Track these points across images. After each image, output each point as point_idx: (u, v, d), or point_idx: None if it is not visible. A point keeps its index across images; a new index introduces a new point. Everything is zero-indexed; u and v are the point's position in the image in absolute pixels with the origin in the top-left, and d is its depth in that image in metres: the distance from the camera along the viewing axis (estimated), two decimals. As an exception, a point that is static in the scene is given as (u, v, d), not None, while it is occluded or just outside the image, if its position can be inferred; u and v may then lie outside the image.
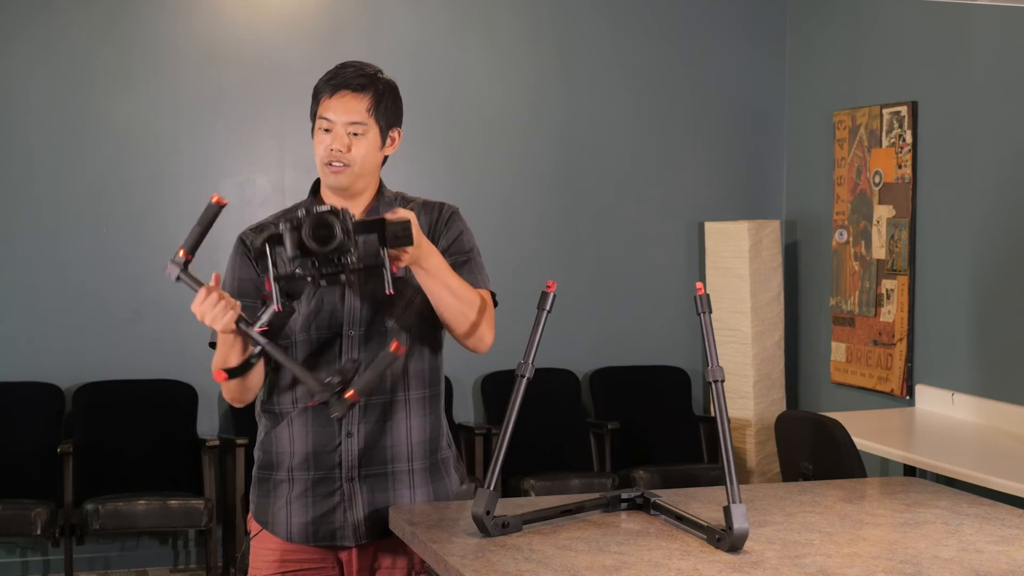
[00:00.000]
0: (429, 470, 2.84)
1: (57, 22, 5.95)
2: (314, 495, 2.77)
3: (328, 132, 2.74)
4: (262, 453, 2.85)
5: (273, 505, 2.81)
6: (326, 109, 2.75)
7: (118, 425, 5.92)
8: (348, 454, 2.76)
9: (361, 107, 2.74)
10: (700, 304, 2.56)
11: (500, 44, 6.49)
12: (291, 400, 2.78)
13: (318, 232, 2.44)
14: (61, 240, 5.99)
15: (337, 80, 2.77)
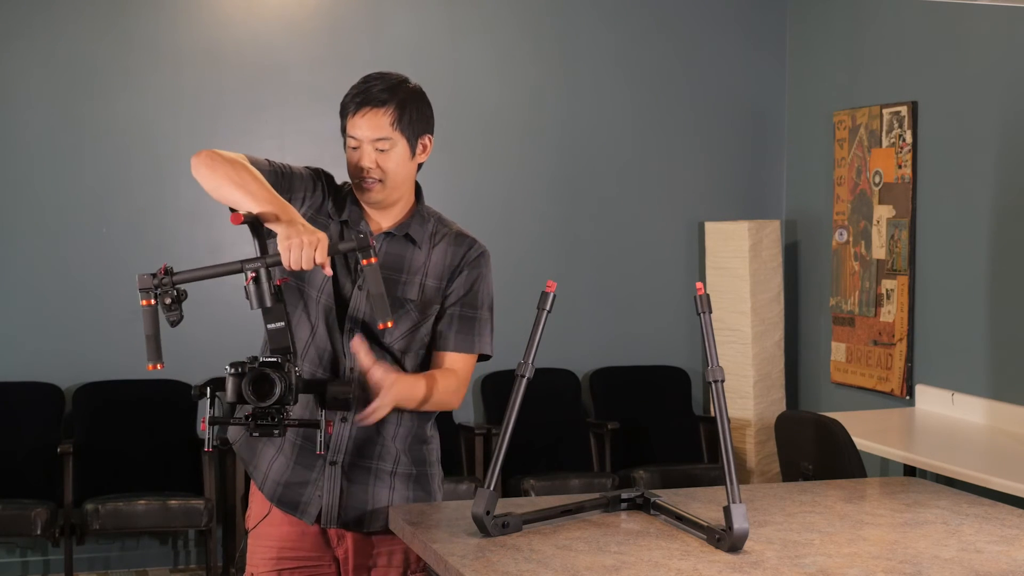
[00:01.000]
0: (414, 478, 2.84)
1: (57, 22, 5.95)
2: (296, 462, 2.80)
3: (356, 150, 2.74)
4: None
5: (261, 451, 2.84)
6: (352, 127, 2.74)
7: (118, 425, 5.92)
8: (339, 438, 2.78)
9: (385, 122, 2.74)
10: (700, 304, 2.56)
11: (500, 44, 6.49)
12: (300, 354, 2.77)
13: (258, 387, 2.47)
14: (61, 240, 5.99)
15: (361, 97, 2.76)
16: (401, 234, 2.80)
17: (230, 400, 2.50)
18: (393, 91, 2.78)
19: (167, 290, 2.51)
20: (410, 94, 2.81)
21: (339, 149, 7.09)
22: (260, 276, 2.49)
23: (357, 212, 2.80)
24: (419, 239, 2.81)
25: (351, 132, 2.74)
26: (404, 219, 2.82)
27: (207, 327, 6.16)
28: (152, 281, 2.49)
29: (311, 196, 2.79)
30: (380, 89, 2.77)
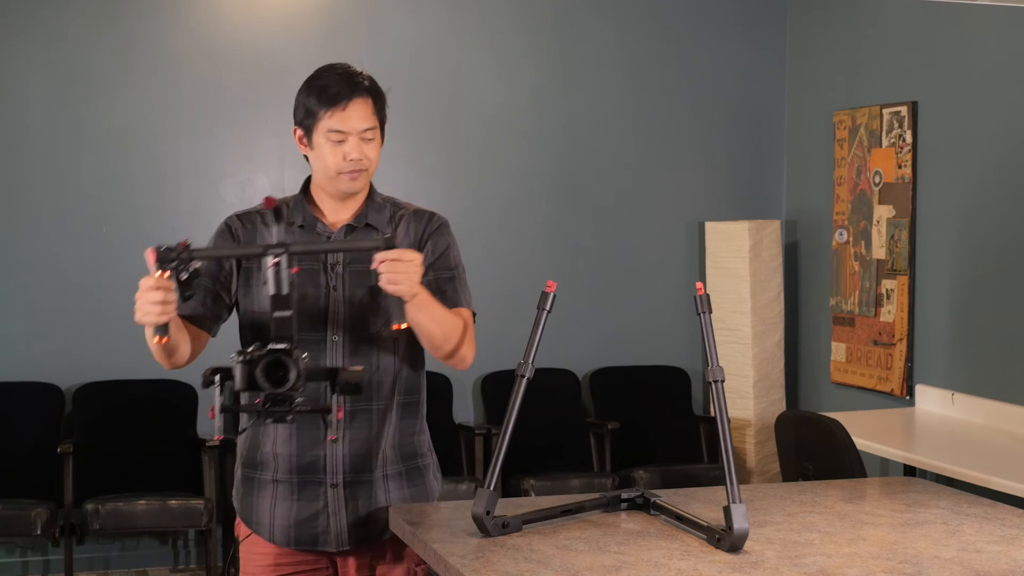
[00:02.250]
0: (406, 475, 2.84)
1: (57, 22, 5.95)
2: (299, 498, 2.77)
3: (341, 143, 2.72)
4: (246, 451, 2.84)
5: (258, 505, 2.81)
6: (337, 121, 2.70)
7: (118, 425, 5.92)
8: (333, 460, 2.76)
9: (368, 111, 2.74)
10: (700, 304, 2.56)
11: (500, 44, 6.49)
12: None
13: (272, 373, 2.44)
14: (61, 240, 5.99)
15: (339, 88, 2.72)
16: (362, 224, 2.80)
17: (239, 387, 2.47)
18: (366, 80, 2.77)
19: (185, 265, 2.45)
20: (373, 82, 2.80)
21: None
22: (282, 262, 2.48)
23: (310, 214, 2.79)
24: (380, 226, 2.81)
25: (336, 126, 2.70)
26: (361, 209, 2.81)
27: (207, 327, 6.16)
28: (171, 254, 2.45)
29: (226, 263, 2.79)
30: (357, 79, 2.75)
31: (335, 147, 2.72)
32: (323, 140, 2.72)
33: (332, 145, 2.72)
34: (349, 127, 2.71)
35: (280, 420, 2.47)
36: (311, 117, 2.73)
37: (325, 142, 2.72)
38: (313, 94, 2.74)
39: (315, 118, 2.72)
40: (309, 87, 2.76)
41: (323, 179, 2.77)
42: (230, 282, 2.80)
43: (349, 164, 2.72)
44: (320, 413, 2.55)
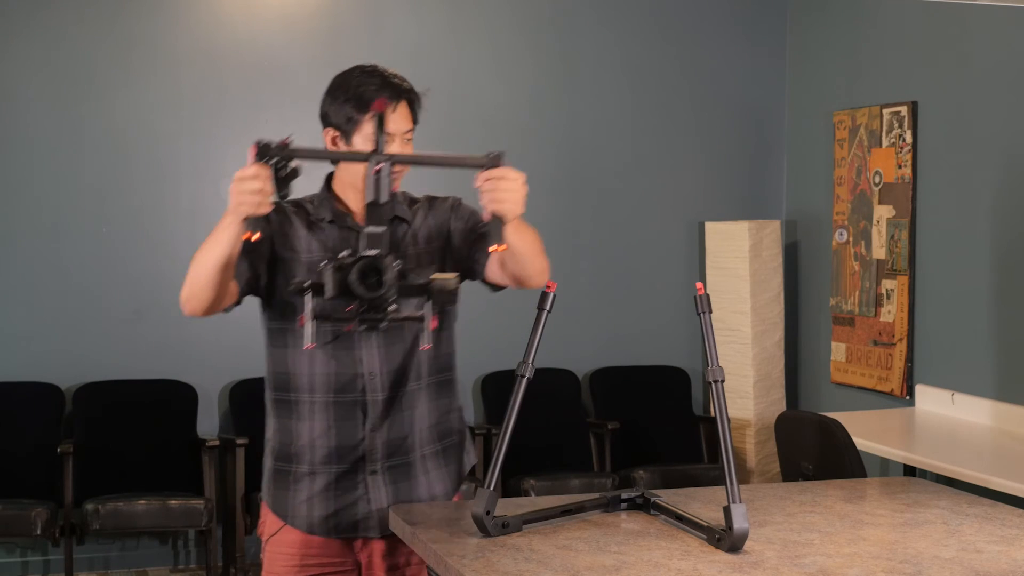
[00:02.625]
0: (442, 454, 2.87)
1: (57, 22, 5.95)
2: (337, 488, 2.78)
3: (385, 145, 2.69)
4: (278, 445, 2.83)
5: (294, 499, 2.80)
6: (385, 123, 2.69)
7: (118, 425, 5.92)
8: (372, 448, 2.78)
9: (409, 114, 2.78)
10: (700, 304, 2.56)
11: (500, 44, 6.49)
12: (308, 389, 2.76)
13: (367, 277, 2.39)
14: (61, 240, 5.99)
15: (388, 92, 2.74)
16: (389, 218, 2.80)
17: (330, 295, 2.39)
18: (406, 82, 2.81)
19: (285, 161, 2.45)
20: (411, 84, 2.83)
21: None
22: (384, 170, 2.46)
23: (338, 210, 2.81)
24: (406, 216, 2.84)
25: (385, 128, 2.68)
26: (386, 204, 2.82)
27: (207, 327, 6.16)
28: (271, 149, 2.44)
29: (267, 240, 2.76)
30: (398, 81, 2.78)
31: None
32: (366, 143, 2.72)
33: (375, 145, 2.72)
34: (393, 128, 2.73)
35: (373, 328, 2.44)
36: (351, 122, 2.73)
37: (369, 144, 2.71)
38: (355, 99, 2.74)
39: (357, 122, 2.73)
40: (345, 91, 2.76)
41: (356, 177, 2.77)
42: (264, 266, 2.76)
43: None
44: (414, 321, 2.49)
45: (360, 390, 2.75)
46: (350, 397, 2.75)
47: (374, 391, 2.76)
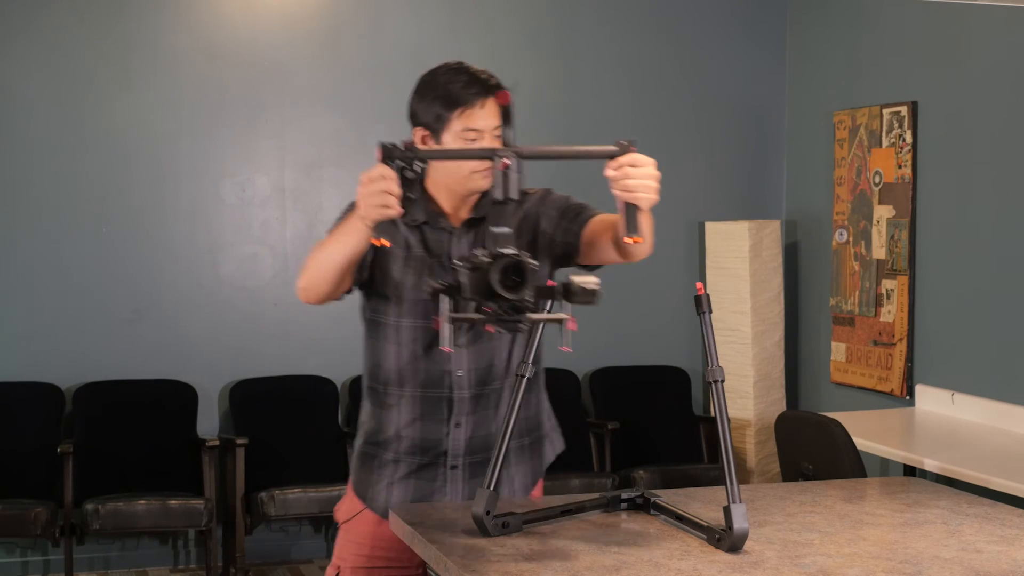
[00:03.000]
0: (526, 448, 2.91)
1: (57, 22, 5.95)
2: (417, 479, 2.81)
3: (474, 142, 2.71)
4: (369, 430, 2.87)
5: (376, 483, 2.84)
6: (474, 119, 2.70)
7: (118, 425, 5.92)
8: (455, 444, 2.80)
9: (498, 109, 2.75)
10: (700, 304, 2.56)
11: (500, 44, 6.49)
12: (397, 382, 2.79)
13: (509, 278, 2.31)
14: (61, 240, 5.99)
15: (477, 87, 2.72)
16: (480, 216, 2.81)
17: (467, 296, 2.33)
18: (493, 78, 2.79)
19: (409, 163, 2.43)
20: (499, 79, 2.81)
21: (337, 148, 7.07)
22: (512, 166, 2.41)
23: (432, 211, 2.80)
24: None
25: (472, 124, 2.70)
26: (478, 204, 2.82)
27: (208, 327, 6.17)
28: (397, 151, 2.43)
29: None
30: (487, 77, 2.76)
31: (469, 145, 2.71)
32: (457, 141, 2.71)
33: (466, 144, 2.71)
34: (483, 125, 2.71)
35: (513, 329, 2.38)
36: (440, 120, 2.72)
37: (459, 142, 2.71)
38: (442, 97, 2.73)
39: (446, 120, 2.71)
40: (433, 89, 2.76)
41: (451, 178, 2.76)
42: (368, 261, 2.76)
43: (483, 163, 2.71)
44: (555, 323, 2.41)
45: (447, 387, 2.78)
46: (437, 393, 2.78)
47: (460, 388, 2.79)
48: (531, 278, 2.31)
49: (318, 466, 6.04)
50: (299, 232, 6.28)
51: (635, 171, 2.49)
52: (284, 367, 6.25)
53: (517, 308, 2.33)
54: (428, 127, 2.76)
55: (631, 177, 2.48)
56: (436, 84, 2.77)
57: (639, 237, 2.47)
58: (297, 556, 6.27)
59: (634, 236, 2.45)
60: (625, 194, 2.47)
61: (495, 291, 2.29)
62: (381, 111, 6.33)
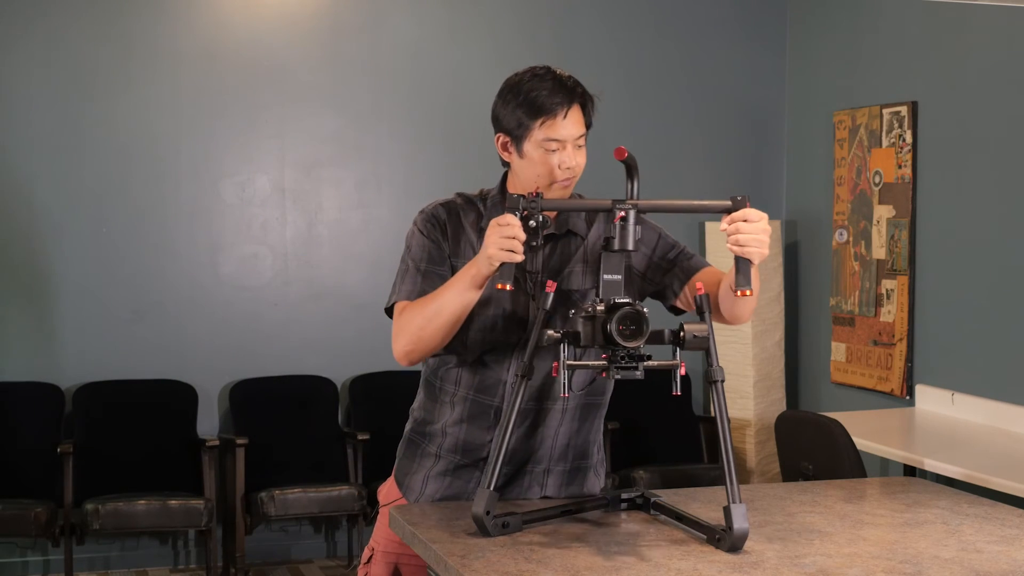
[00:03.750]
0: (569, 473, 2.86)
1: (58, 23, 5.95)
2: (453, 477, 2.81)
3: (556, 151, 2.69)
4: (419, 418, 2.87)
5: (415, 472, 2.84)
6: (556, 130, 2.67)
7: (118, 425, 5.92)
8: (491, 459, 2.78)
9: (581, 119, 2.73)
10: (700, 304, 2.56)
11: (500, 44, 6.49)
12: (454, 381, 2.78)
13: (626, 327, 2.41)
14: (61, 240, 5.99)
15: (557, 98, 2.69)
16: (563, 231, 2.79)
17: (583, 344, 2.43)
18: (574, 81, 2.75)
19: (534, 213, 2.48)
20: (585, 88, 2.77)
21: (337, 148, 7.07)
22: (629, 217, 2.48)
23: None
24: (579, 230, 2.81)
25: (554, 135, 2.68)
26: (560, 214, 2.79)
27: (207, 327, 6.17)
28: (522, 201, 2.48)
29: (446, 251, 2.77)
30: (571, 84, 2.73)
31: (550, 156, 2.69)
32: (537, 150, 2.69)
33: (547, 154, 2.69)
34: (565, 135, 2.68)
35: (629, 377, 2.45)
36: (522, 127, 2.69)
37: (540, 151, 2.69)
38: (526, 104, 2.70)
39: (528, 128, 2.69)
40: (516, 95, 2.73)
41: (531, 186, 2.73)
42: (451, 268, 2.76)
43: (564, 172, 2.69)
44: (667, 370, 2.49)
45: (499, 396, 2.77)
46: (488, 400, 2.77)
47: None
48: (647, 327, 2.41)
49: (318, 466, 6.04)
50: (299, 232, 6.28)
51: (747, 226, 2.53)
52: (284, 367, 6.25)
53: (632, 356, 2.43)
54: (510, 134, 2.73)
55: (743, 232, 2.53)
56: (520, 90, 2.74)
57: (749, 290, 2.52)
58: (297, 556, 6.27)
59: (744, 289, 2.51)
60: (737, 248, 2.53)
61: (613, 340, 2.39)
62: (381, 111, 6.34)
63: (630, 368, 2.44)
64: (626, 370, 2.44)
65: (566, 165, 2.69)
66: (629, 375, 2.45)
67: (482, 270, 2.54)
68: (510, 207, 2.49)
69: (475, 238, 2.77)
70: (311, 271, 6.31)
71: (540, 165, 2.69)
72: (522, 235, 2.47)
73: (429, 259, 2.76)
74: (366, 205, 6.34)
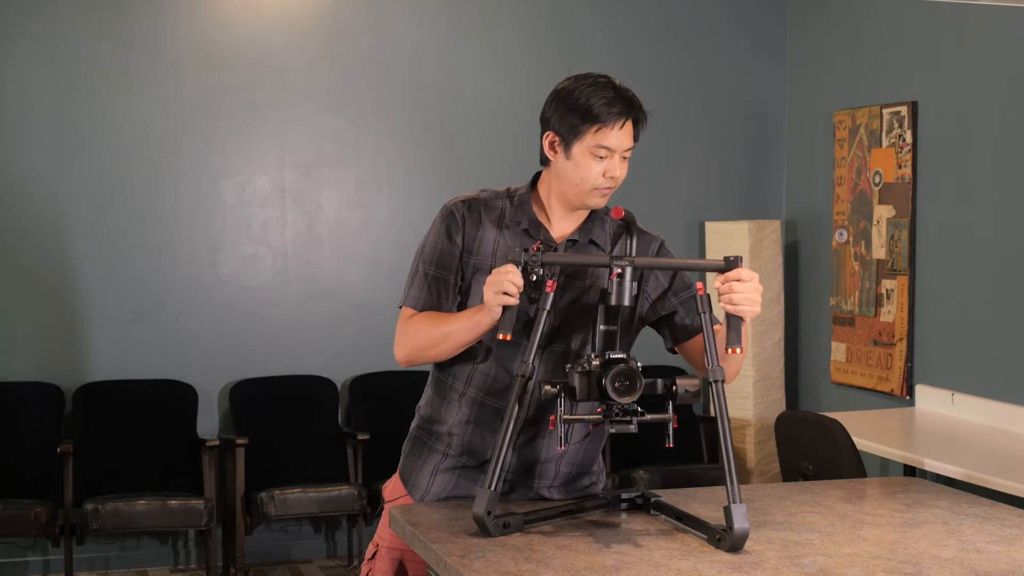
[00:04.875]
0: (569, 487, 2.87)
1: (57, 23, 5.95)
2: (459, 476, 2.81)
3: (603, 159, 2.70)
4: (426, 416, 2.87)
5: (420, 468, 2.85)
6: (608, 138, 2.69)
7: (118, 425, 5.92)
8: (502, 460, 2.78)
9: (632, 132, 2.78)
10: (700, 304, 2.57)
11: (500, 44, 6.49)
12: (465, 379, 2.79)
13: (620, 383, 2.47)
14: (61, 240, 5.99)
15: (619, 106, 2.75)
16: (585, 240, 2.80)
17: (580, 398, 2.50)
18: (638, 101, 2.81)
19: (534, 267, 2.53)
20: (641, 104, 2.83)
21: (337, 148, 7.07)
22: (625, 273, 2.53)
23: (536, 219, 2.78)
24: (602, 243, 2.81)
25: (604, 143, 2.70)
26: (585, 223, 2.80)
27: (208, 327, 6.17)
28: (524, 256, 2.54)
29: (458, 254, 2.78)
30: (631, 97, 2.79)
31: (597, 163, 2.70)
32: (585, 154, 2.70)
33: (594, 160, 2.70)
34: (616, 145, 2.71)
35: (623, 431, 2.51)
36: (575, 132, 2.71)
37: (587, 156, 2.70)
38: (583, 108, 2.72)
39: (581, 132, 2.71)
40: (579, 99, 2.76)
41: (570, 189, 2.74)
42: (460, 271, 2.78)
43: (607, 181, 2.71)
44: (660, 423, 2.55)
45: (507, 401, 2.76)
46: (497, 403, 2.77)
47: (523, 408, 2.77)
48: (640, 384, 2.47)
49: (318, 466, 6.04)
50: (299, 232, 6.28)
51: (741, 286, 2.56)
52: (284, 367, 6.25)
53: (626, 410, 2.49)
54: (560, 135, 2.74)
55: (737, 291, 2.56)
56: (579, 94, 2.77)
57: (740, 348, 2.56)
58: (297, 556, 6.27)
59: (735, 347, 2.56)
60: (730, 307, 2.56)
61: (607, 395, 2.46)
62: (381, 111, 6.34)
63: (624, 422, 2.50)
64: (621, 424, 2.50)
65: (611, 174, 2.71)
66: (624, 429, 2.51)
67: (484, 320, 2.61)
68: (512, 259, 2.55)
69: (494, 236, 2.78)
70: (311, 271, 6.31)
71: (586, 170, 2.71)
72: (519, 280, 2.52)
73: (439, 263, 2.78)
74: (366, 205, 6.34)
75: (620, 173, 2.74)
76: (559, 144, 2.74)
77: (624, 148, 2.74)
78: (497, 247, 2.76)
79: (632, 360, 2.51)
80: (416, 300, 2.78)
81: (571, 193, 2.75)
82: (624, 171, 2.76)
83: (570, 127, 2.72)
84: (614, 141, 2.71)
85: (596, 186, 2.72)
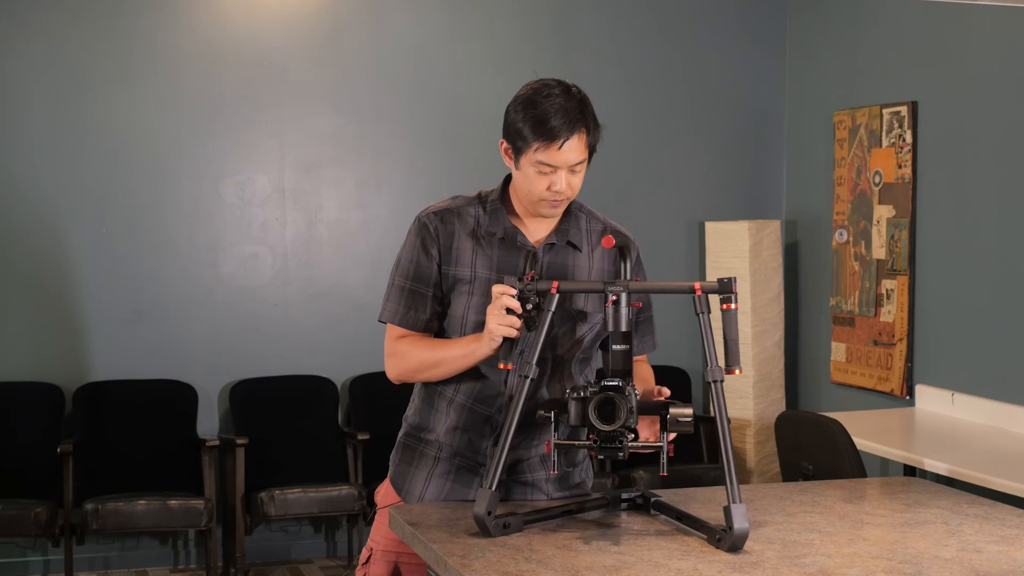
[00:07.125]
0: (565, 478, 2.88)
1: (58, 23, 5.95)
2: (454, 480, 2.81)
3: (547, 175, 2.68)
4: (415, 423, 2.87)
5: (414, 476, 2.84)
6: (549, 156, 2.65)
7: (118, 425, 5.92)
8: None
9: (582, 144, 2.71)
10: (699, 304, 2.56)
11: (500, 44, 6.49)
12: (453, 386, 2.79)
13: (602, 411, 2.50)
14: (61, 240, 5.99)
15: (558, 125, 2.65)
16: (563, 242, 2.80)
17: (573, 423, 2.53)
18: (583, 108, 2.73)
19: (529, 296, 2.56)
20: (587, 104, 2.76)
21: (337, 148, 7.07)
22: (620, 300, 2.56)
23: (512, 226, 2.77)
24: (579, 243, 2.82)
25: (549, 160, 2.66)
26: (560, 224, 2.80)
27: (207, 327, 6.17)
28: (520, 284, 2.56)
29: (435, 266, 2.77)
30: (578, 114, 2.69)
31: (541, 177, 2.68)
32: (530, 168, 2.68)
33: (539, 175, 2.68)
34: (560, 162, 2.67)
35: (612, 457, 2.54)
36: (523, 142, 2.67)
37: (532, 169, 2.68)
38: (528, 122, 2.66)
39: (526, 145, 2.67)
40: (526, 111, 2.68)
41: (524, 197, 2.74)
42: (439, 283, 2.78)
43: (552, 195, 2.69)
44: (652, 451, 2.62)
45: (496, 407, 2.77)
46: (485, 410, 2.77)
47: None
48: (622, 413, 2.50)
49: (318, 466, 6.04)
50: (299, 232, 6.28)
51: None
52: (284, 367, 6.25)
53: (612, 438, 2.52)
54: (512, 143, 2.72)
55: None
56: (529, 107, 2.69)
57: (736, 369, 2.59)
58: (297, 556, 6.27)
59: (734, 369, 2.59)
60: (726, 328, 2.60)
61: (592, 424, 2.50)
62: (381, 111, 6.33)
63: (614, 448, 2.54)
64: (610, 450, 2.54)
65: (555, 188, 2.69)
66: (612, 455, 2.54)
67: (480, 351, 2.63)
68: (507, 281, 2.56)
69: (471, 247, 2.77)
70: (311, 271, 6.31)
71: (532, 182, 2.69)
72: (518, 307, 2.55)
73: (415, 276, 2.78)
74: (366, 205, 6.34)
75: (567, 187, 2.70)
76: (511, 152, 2.73)
77: (570, 163, 2.68)
78: (476, 258, 2.76)
79: (628, 387, 2.52)
80: (393, 314, 2.77)
81: (526, 201, 2.76)
82: (577, 183, 2.73)
83: (519, 138, 2.69)
84: (557, 159, 2.66)
85: (543, 198, 2.71)
